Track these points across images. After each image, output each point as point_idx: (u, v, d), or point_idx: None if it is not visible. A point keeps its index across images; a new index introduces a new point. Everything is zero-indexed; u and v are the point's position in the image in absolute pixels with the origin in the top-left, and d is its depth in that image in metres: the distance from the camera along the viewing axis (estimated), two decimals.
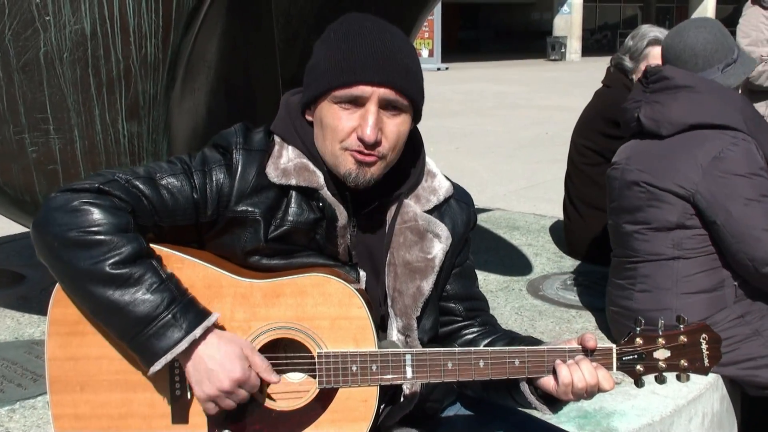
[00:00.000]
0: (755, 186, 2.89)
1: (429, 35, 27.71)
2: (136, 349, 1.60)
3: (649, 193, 3.04)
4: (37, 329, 3.43)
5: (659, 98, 3.07)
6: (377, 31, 1.68)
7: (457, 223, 1.87)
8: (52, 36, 2.74)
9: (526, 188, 8.73)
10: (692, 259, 2.99)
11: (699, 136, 2.96)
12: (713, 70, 3.05)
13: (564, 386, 1.65)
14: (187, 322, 1.58)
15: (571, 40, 35.04)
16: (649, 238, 3.06)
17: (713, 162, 2.90)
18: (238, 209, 1.70)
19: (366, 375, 1.64)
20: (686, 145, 2.97)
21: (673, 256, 3.01)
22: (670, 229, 3.00)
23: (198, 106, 3.21)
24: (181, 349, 1.57)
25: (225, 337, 1.62)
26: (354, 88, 1.63)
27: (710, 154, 2.91)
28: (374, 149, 1.65)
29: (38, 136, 2.89)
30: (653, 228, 3.04)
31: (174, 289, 1.60)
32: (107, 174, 1.68)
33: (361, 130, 1.63)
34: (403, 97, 1.66)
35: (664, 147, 3.03)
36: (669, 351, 1.67)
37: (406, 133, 1.71)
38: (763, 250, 2.86)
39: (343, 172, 1.67)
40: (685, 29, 3.15)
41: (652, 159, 3.06)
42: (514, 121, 14.28)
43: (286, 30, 3.77)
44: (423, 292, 1.78)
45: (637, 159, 3.12)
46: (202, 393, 1.61)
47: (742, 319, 2.97)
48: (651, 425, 2.72)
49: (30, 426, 2.61)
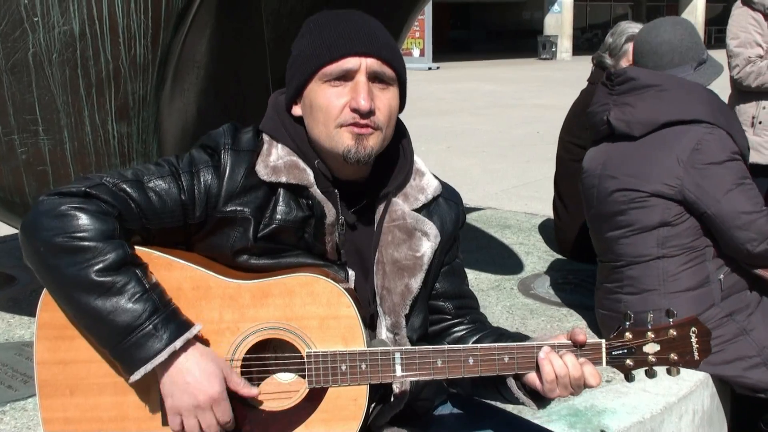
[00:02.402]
0: (734, 171, 2.96)
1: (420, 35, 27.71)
2: (117, 357, 1.59)
3: (631, 198, 3.06)
4: (27, 331, 3.43)
5: (627, 99, 3.10)
6: (355, 13, 1.73)
7: (446, 222, 1.87)
8: (40, 37, 2.74)
9: (517, 187, 8.74)
10: (676, 257, 3.02)
11: (673, 133, 3.00)
12: (687, 67, 3.09)
13: (548, 383, 1.65)
14: (167, 333, 1.57)
15: (562, 39, 35.13)
16: (633, 241, 3.09)
17: (692, 155, 2.94)
18: (227, 210, 1.70)
19: (355, 374, 1.64)
20: (662, 143, 3.00)
21: (658, 256, 3.04)
22: (653, 228, 3.03)
23: (188, 107, 3.21)
24: (160, 360, 1.56)
25: (206, 353, 1.61)
26: (342, 61, 1.65)
27: (688, 148, 2.95)
28: (369, 118, 1.65)
29: (27, 137, 2.88)
30: (636, 230, 3.07)
31: (157, 299, 1.59)
32: (95, 178, 1.67)
33: (354, 101, 1.64)
34: (389, 68, 1.69)
35: (638, 148, 3.06)
36: (659, 345, 1.68)
37: (396, 108, 1.73)
38: (754, 231, 2.92)
39: (342, 149, 1.67)
40: (662, 25, 3.18)
41: (630, 162, 3.08)
42: (506, 120, 14.30)
43: (275, 29, 3.76)
44: (411, 290, 1.78)
45: (614, 164, 3.14)
46: (172, 404, 1.60)
47: (731, 318, 3.00)
48: (642, 423, 2.73)
49: (20, 428, 2.61)
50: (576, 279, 4.13)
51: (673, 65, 3.08)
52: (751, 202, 2.95)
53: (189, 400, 1.58)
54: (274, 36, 3.81)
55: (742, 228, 2.93)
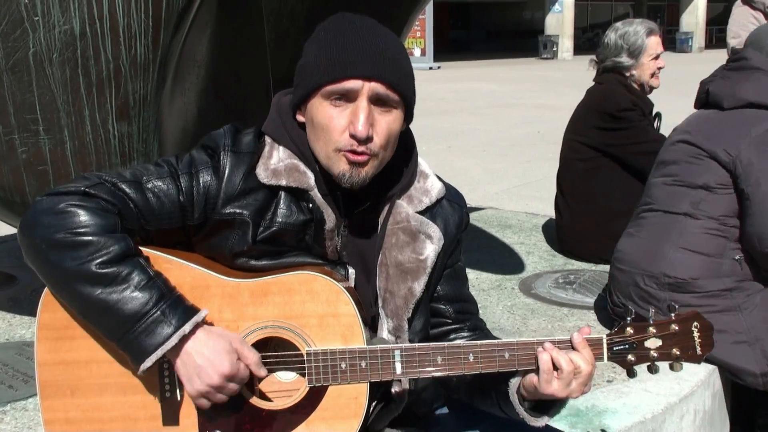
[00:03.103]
0: None
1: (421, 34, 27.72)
2: (126, 347, 1.59)
3: (690, 151, 3.18)
4: (28, 330, 3.42)
5: (731, 75, 3.24)
6: (367, 28, 1.68)
7: (449, 224, 1.86)
8: (41, 36, 2.73)
9: (518, 187, 8.74)
10: (702, 220, 3.11)
11: (755, 114, 3.11)
12: None
13: (545, 372, 1.63)
14: (176, 318, 1.57)
15: (563, 38, 35.13)
16: (673, 191, 3.22)
17: (762, 135, 3.04)
18: (226, 212, 1.70)
19: (355, 372, 1.64)
20: (742, 119, 3.12)
21: (685, 212, 3.15)
22: (695, 187, 3.13)
23: (188, 106, 3.21)
24: (170, 345, 1.57)
25: (214, 332, 1.62)
26: (344, 82, 1.62)
27: (761, 129, 3.04)
28: (366, 145, 1.64)
29: (28, 137, 2.88)
30: (679, 182, 3.19)
31: (162, 286, 1.60)
32: (93, 177, 1.67)
33: (353, 126, 1.62)
34: (393, 92, 1.66)
35: (721, 117, 3.19)
36: (660, 340, 1.67)
37: (397, 131, 1.71)
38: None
39: (337, 173, 1.67)
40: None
41: (707, 124, 3.22)
42: (506, 120, 14.30)
43: (276, 29, 3.76)
44: (414, 293, 1.78)
45: (692, 123, 3.29)
46: (192, 389, 1.61)
47: (729, 293, 3.06)
48: (643, 423, 2.73)
49: (21, 428, 2.61)
50: (577, 278, 4.12)
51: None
52: None
53: (205, 380, 1.59)
54: (274, 36, 3.80)
55: (765, 222, 2.97)
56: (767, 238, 2.96)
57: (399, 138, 1.76)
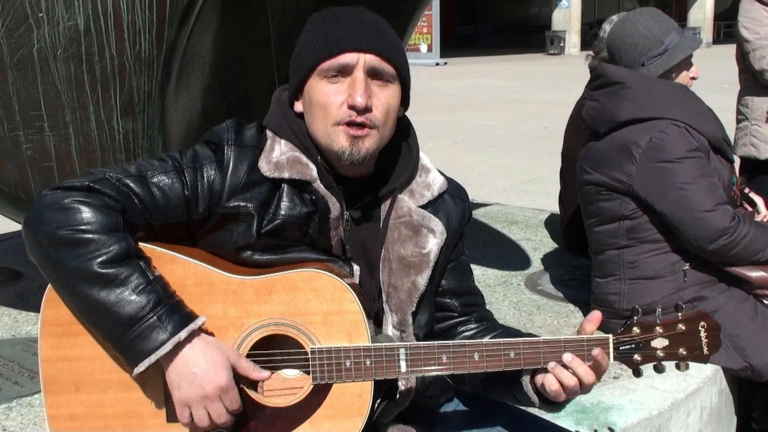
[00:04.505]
0: (689, 168, 2.98)
1: (427, 30, 27.65)
2: (121, 350, 1.58)
3: (596, 190, 3.20)
4: (34, 327, 3.43)
5: (597, 96, 3.19)
6: (358, 10, 1.72)
7: (452, 218, 1.86)
8: (45, 33, 2.73)
9: (524, 183, 8.72)
10: (636, 246, 3.15)
11: (629, 132, 3.07)
12: (635, 65, 3.12)
13: (552, 392, 1.65)
14: (172, 324, 1.56)
15: (570, 34, 35.00)
16: (601, 230, 3.25)
17: (645, 153, 3.01)
18: (230, 205, 1.69)
19: (360, 370, 1.64)
20: (621, 141, 3.08)
21: (620, 245, 3.18)
22: (616, 220, 3.16)
23: (193, 103, 3.20)
24: (164, 351, 1.55)
25: (211, 343, 1.60)
26: (340, 56, 1.64)
27: (641, 146, 3.02)
28: (365, 115, 1.64)
29: (33, 134, 2.88)
30: (602, 220, 3.22)
31: (161, 290, 1.58)
32: (98, 173, 1.67)
33: (351, 98, 1.63)
34: (389, 65, 1.67)
35: (602, 145, 3.17)
36: (667, 340, 1.66)
37: (396, 106, 1.72)
38: (706, 230, 2.96)
39: (337, 149, 1.67)
40: (617, 22, 3.29)
41: (596, 157, 3.21)
42: (513, 116, 14.27)
43: (281, 26, 3.75)
44: (418, 287, 1.78)
45: (585, 158, 3.29)
46: (180, 396, 1.59)
47: (690, 304, 3.03)
48: (649, 419, 2.72)
49: (27, 424, 2.61)
50: (583, 275, 4.10)
51: (626, 64, 3.14)
52: (705, 200, 2.97)
53: (197, 391, 1.57)
54: (279, 32, 3.79)
55: (693, 226, 2.97)
56: (700, 238, 2.97)
57: (400, 131, 1.76)
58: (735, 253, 2.99)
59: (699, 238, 2.97)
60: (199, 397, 1.58)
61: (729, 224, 2.95)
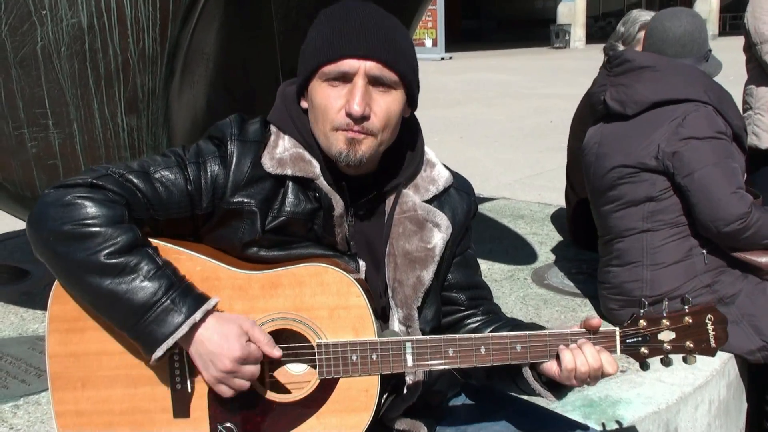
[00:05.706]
0: (715, 149, 3.03)
1: (432, 25, 27.60)
2: (137, 337, 1.59)
3: (621, 173, 3.19)
4: (40, 325, 3.43)
5: (622, 80, 3.23)
6: (366, 9, 1.69)
7: (457, 213, 1.85)
8: (49, 30, 2.73)
9: (530, 177, 8.70)
10: (660, 231, 3.15)
11: (662, 112, 3.12)
12: (693, 59, 3.20)
13: (567, 371, 1.64)
14: (186, 306, 1.57)
15: (575, 27, 34.89)
16: (622, 215, 3.24)
17: (676, 128, 3.06)
18: (234, 201, 1.69)
19: (366, 364, 1.63)
20: (652, 121, 3.13)
21: (643, 229, 3.18)
22: (640, 202, 3.16)
23: (197, 99, 3.20)
24: (181, 334, 1.56)
25: (223, 317, 1.61)
26: (340, 62, 1.63)
27: (673, 124, 3.07)
28: (362, 124, 1.63)
29: (37, 131, 2.88)
30: (624, 204, 3.21)
31: (171, 275, 1.59)
32: (100, 169, 1.67)
33: (348, 105, 1.62)
34: (391, 72, 1.65)
35: (631, 126, 3.20)
36: (674, 332, 1.66)
37: (398, 112, 1.70)
38: (724, 211, 2.99)
39: (335, 151, 1.66)
40: (677, 15, 3.30)
41: (622, 140, 3.22)
42: (518, 110, 14.23)
43: (285, 21, 3.74)
44: (423, 281, 1.77)
45: (607, 142, 3.28)
46: (209, 377, 1.61)
47: (710, 288, 3.08)
48: (657, 413, 2.71)
49: (34, 422, 2.61)
50: (590, 269, 4.09)
51: (681, 56, 3.19)
52: (727, 182, 3.01)
53: (219, 366, 1.59)
54: (283, 28, 3.79)
55: (711, 205, 3.00)
56: (717, 219, 3.00)
57: (404, 126, 1.75)
58: (746, 236, 3.04)
59: (717, 218, 3.00)
60: (223, 372, 1.59)
61: (746, 209, 3.00)
